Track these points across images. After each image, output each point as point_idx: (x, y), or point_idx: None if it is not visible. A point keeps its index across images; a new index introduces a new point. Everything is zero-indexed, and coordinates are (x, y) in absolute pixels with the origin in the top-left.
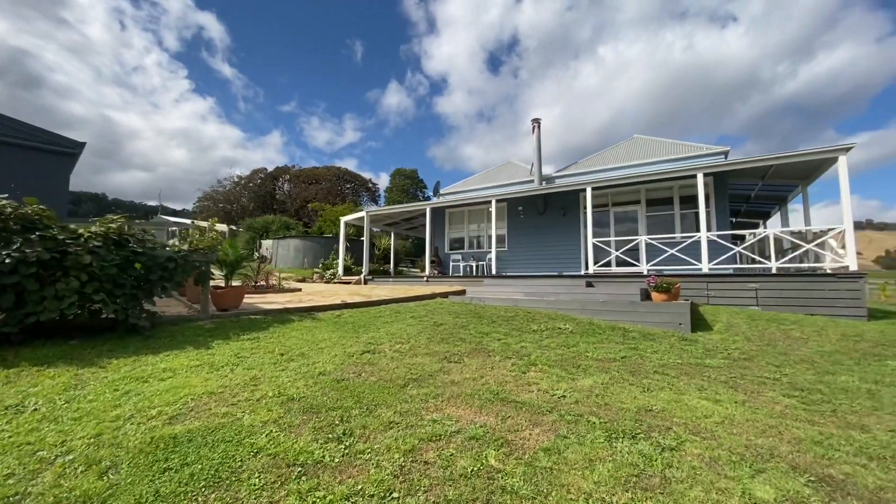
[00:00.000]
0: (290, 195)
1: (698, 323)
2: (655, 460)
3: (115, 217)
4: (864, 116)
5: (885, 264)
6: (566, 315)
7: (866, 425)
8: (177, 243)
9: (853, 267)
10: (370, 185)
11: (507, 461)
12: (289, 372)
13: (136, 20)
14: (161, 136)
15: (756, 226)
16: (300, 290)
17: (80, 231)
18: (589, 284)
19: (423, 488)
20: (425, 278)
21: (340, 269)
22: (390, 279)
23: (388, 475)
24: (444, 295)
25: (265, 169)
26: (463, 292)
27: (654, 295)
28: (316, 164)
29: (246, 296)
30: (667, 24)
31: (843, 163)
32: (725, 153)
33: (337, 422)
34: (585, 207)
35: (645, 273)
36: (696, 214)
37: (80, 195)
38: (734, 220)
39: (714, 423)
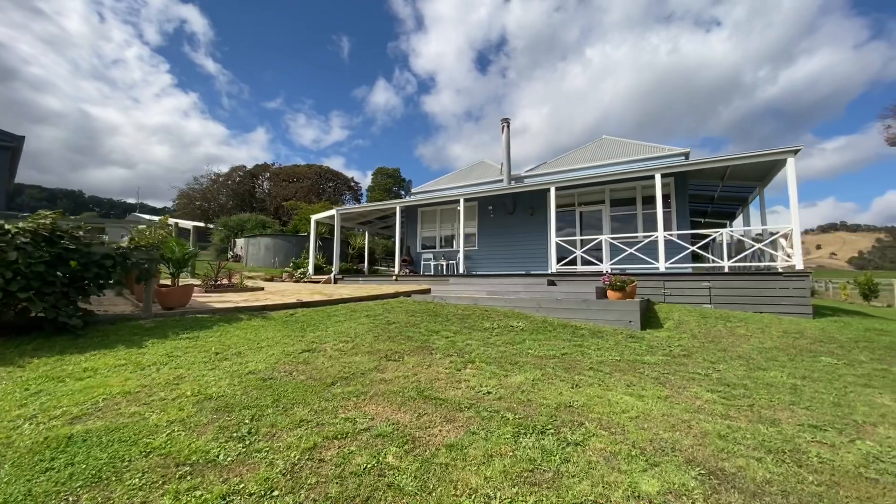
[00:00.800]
0: (269, 193)
1: (650, 320)
2: (555, 455)
3: (48, 213)
4: (841, 121)
5: (858, 264)
6: (522, 313)
7: (778, 419)
8: (126, 241)
9: (799, 266)
10: (352, 183)
11: (404, 458)
12: (217, 371)
13: (116, 12)
14: (141, 132)
15: (723, 226)
16: (262, 289)
17: (7, 227)
18: (551, 283)
19: (307, 486)
20: (394, 277)
21: (311, 269)
22: (361, 278)
23: (276, 473)
24: (408, 294)
25: (244, 167)
26: (428, 291)
27: (610, 293)
28: (302, 162)
29: (203, 295)
30: (653, 28)
31: (790, 164)
32: (686, 154)
33: (246, 421)
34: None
35: (606, 272)
36: (666, 214)
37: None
38: (703, 220)
39: (628, 419)
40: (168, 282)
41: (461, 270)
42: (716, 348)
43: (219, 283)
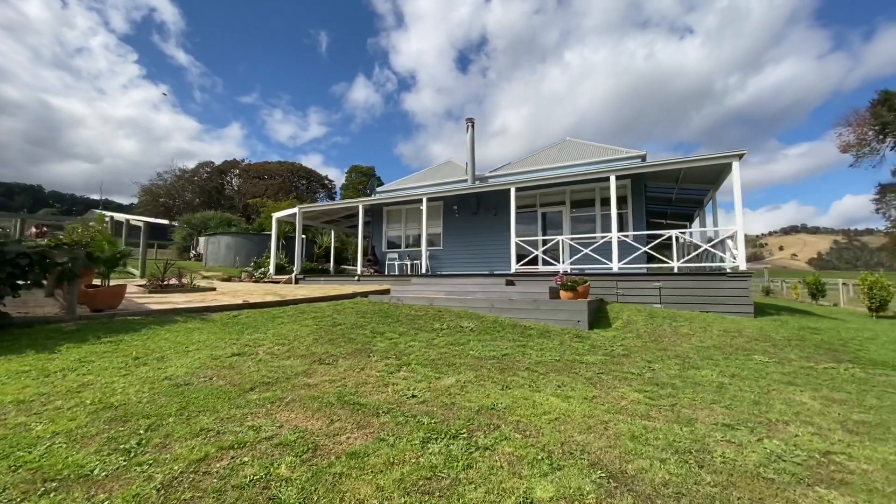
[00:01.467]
0: (238, 191)
1: (600, 320)
2: (459, 461)
3: None
4: (804, 128)
5: (817, 265)
6: (475, 313)
7: (695, 419)
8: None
9: (742, 267)
10: (326, 181)
11: (298, 469)
12: (130, 377)
13: None
14: (107, 125)
15: (684, 227)
16: (215, 289)
17: None
18: (510, 283)
19: (179, 501)
20: (357, 277)
21: (272, 268)
22: (323, 278)
23: (151, 489)
24: (365, 294)
25: (212, 162)
26: (387, 291)
27: (562, 293)
28: (279, 159)
29: (145, 296)
30: (629, 33)
31: (735, 168)
32: (642, 157)
33: (140, 431)
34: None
35: (562, 272)
36: (622, 215)
37: (13, 187)
38: (664, 221)
39: (547, 421)
40: (99, 282)
41: (423, 270)
42: (656, 347)
43: (166, 283)
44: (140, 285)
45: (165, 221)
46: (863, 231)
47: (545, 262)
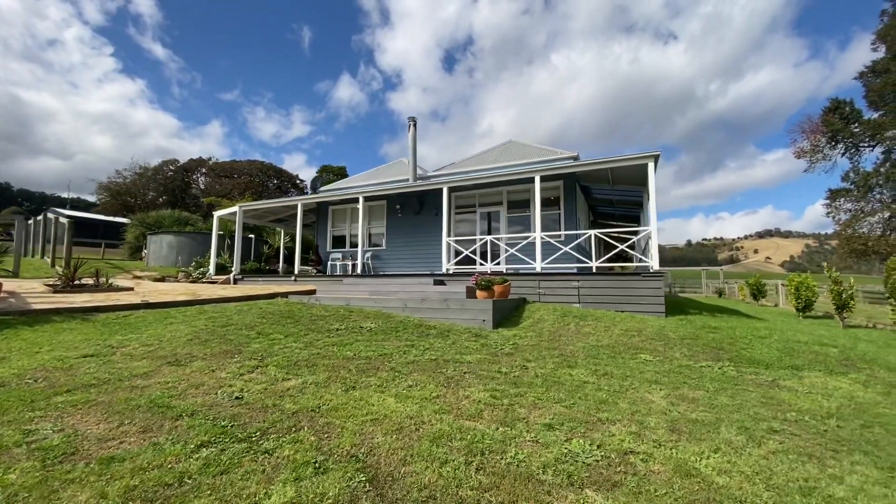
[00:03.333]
0: (204, 190)
1: (510, 319)
2: (218, 466)
3: None
4: (781, 134)
5: (789, 267)
6: (387, 313)
7: (523, 419)
8: None
9: (656, 267)
10: (298, 181)
11: (31, 474)
12: None
13: None
14: (80, 120)
15: (630, 228)
16: (132, 289)
17: None
18: (439, 283)
19: None
20: (293, 278)
21: (212, 268)
22: (262, 279)
23: None
24: (285, 295)
25: (177, 160)
26: (313, 292)
27: (478, 292)
28: (261, 158)
29: (43, 296)
30: (615, 37)
31: (650, 168)
32: (575, 158)
33: None
34: (450, 207)
35: (480, 272)
36: (555, 215)
37: None
38: (613, 222)
39: (361, 422)
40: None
41: (359, 270)
42: (547, 347)
43: (77, 282)
44: (49, 284)
45: (125, 220)
46: (832, 235)
47: (483, 262)
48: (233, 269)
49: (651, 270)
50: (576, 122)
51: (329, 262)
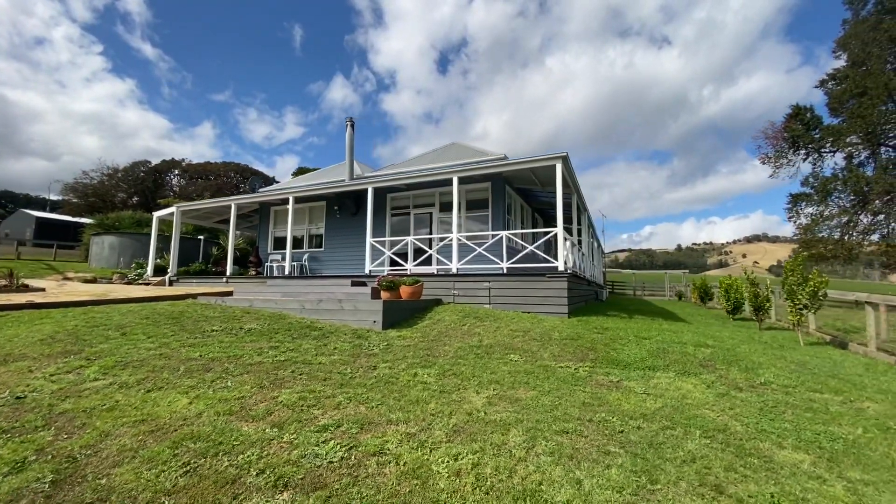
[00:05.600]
0: (176, 192)
1: (411, 321)
2: None
3: None
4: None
5: (776, 272)
6: (282, 314)
7: (309, 419)
8: None
9: (561, 269)
10: (275, 182)
11: None
12: None
13: None
14: (68, 120)
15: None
16: (44, 290)
17: None
18: (358, 284)
19: None
20: (225, 280)
21: (150, 270)
22: (195, 280)
23: None
24: (195, 296)
25: (148, 162)
26: (229, 293)
27: (382, 293)
28: (253, 160)
29: None
30: (610, 41)
31: (558, 169)
32: (503, 159)
33: None
34: (385, 208)
35: (409, 272)
36: (485, 217)
37: None
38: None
39: (125, 423)
40: None
41: (286, 272)
42: (423, 347)
43: None
44: None
45: (89, 220)
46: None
47: (405, 263)
48: (182, 270)
49: (558, 271)
50: (569, 126)
51: (267, 264)
